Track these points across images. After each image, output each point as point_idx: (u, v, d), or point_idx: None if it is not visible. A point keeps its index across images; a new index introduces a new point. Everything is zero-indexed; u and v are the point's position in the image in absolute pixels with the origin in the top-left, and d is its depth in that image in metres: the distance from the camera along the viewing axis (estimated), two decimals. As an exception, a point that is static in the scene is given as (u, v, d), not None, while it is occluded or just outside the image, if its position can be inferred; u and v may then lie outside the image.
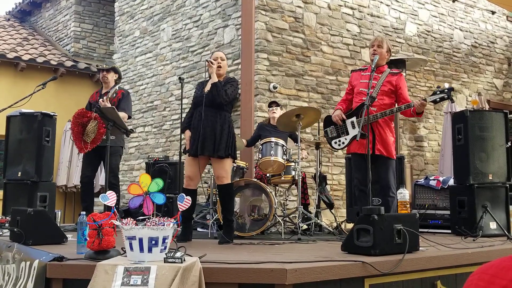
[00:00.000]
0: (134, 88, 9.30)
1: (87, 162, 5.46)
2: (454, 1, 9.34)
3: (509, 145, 4.86)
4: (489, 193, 4.72)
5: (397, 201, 4.46)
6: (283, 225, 4.94)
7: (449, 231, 4.88)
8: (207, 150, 4.18)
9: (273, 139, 5.15)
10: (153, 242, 2.60)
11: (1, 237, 4.13)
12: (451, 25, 9.26)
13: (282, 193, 5.84)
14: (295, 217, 5.14)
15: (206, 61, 4.35)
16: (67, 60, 10.60)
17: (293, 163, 5.27)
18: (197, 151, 4.21)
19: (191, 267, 2.57)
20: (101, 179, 8.93)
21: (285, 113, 5.15)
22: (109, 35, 11.35)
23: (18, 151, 5.27)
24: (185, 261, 2.59)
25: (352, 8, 7.87)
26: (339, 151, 5.64)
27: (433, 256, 3.24)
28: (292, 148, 5.41)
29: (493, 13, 9.99)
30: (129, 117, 5.53)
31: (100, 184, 9.07)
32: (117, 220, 2.78)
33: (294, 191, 6.06)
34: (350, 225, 5.38)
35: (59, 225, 4.54)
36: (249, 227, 4.89)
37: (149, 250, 2.59)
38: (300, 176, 4.97)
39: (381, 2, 8.26)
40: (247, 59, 6.89)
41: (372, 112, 4.23)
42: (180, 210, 2.98)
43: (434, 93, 4.20)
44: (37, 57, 10.20)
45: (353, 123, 4.40)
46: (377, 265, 2.88)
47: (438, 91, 4.16)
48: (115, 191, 3.17)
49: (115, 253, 2.89)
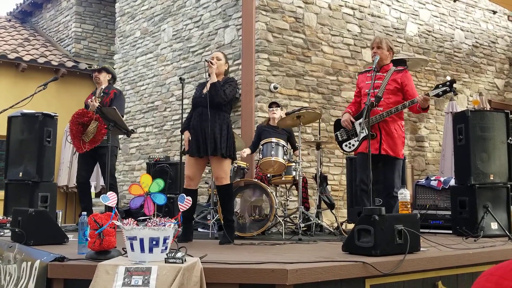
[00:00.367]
0: (135, 88, 9.31)
1: (83, 162, 5.51)
2: (455, 1, 9.32)
3: (510, 141, 4.84)
4: (490, 193, 4.71)
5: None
6: (283, 225, 4.94)
7: (450, 232, 4.87)
8: (206, 150, 4.18)
9: (273, 139, 5.15)
10: (154, 242, 2.60)
11: (3, 237, 4.13)
12: (452, 25, 9.25)
13: (282, 194, 5.84)
14: (296, 217, 5.14)
15: (205, 61, 4.35)
16: (68, 60, 10.61)
17: (293, 164, 5.27)
18: (197, 152, 4.21)
19: (192, 267, 2.57)
20: (101, 180, 8.93)
21: (284, 118, 5.25)
22: (110, 35, 11.36)
23: (19, 152, 5.28)
24: (186, 261, 2.59)
25: (352, 8, 7.87)
26: (339, 151, 5.65)
27: (434, 256, 3.24)
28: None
29: (494, 12, 9.98)
30: (122, 116, 5.59)
31: (101, 184, 9.08)
32: (117, 220, 2.78)
33: (294, 192, 6.06)
34: (351, 226, 5.38)
35: (60, 226, 4.54)
36: (250, 227, 4.89)
37: (150, 250, 2.60)
38: (301, 176, 4.97)
39: (382, 2, 8.25)
40: (247, 59, 6.89)
41: (378, 112, 4.26)
42: (180, 210, 2.98)
43: (436, 86, 4.21)
44: (38, 58, 10.21)
45: (361, 124, 4.41)
46: (378, 266, 2.88)
47: (440, 85, 4.17)
48: (113, 191, 3.18)
49: (116, 253, 2.89)
